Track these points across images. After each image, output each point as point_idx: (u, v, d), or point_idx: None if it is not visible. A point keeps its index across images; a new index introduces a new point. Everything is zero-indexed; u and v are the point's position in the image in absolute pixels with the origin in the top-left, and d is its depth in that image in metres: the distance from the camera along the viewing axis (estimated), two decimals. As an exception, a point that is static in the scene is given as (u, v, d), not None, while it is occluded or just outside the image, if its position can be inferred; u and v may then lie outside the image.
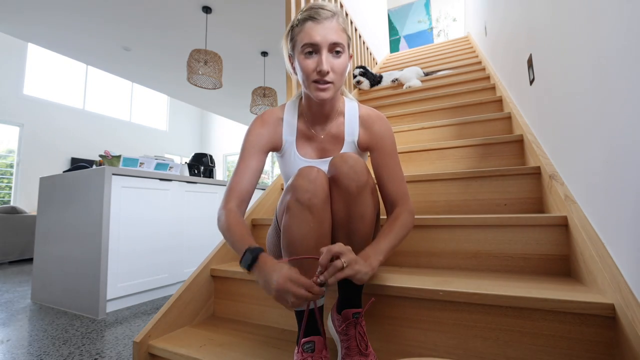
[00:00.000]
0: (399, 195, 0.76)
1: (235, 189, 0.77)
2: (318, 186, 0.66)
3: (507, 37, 1.70)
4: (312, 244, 0.65)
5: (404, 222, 0.71)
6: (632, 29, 0.55)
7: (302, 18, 0.72)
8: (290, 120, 0.84)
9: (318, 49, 0.70)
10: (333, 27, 0.70)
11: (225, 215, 0.72)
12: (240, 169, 0.79)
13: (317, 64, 0.70)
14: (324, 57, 0.69)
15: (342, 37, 0.71)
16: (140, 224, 1.87)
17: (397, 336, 0.80)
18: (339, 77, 0.72)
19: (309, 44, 0.70)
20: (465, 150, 1.44)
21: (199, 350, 0.83)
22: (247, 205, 0.80)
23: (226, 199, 0.76)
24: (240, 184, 0.77)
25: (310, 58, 0.71)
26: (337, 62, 0.71)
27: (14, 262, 3.64)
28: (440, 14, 7.00)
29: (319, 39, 0.69)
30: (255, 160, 0.80)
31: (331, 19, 0.70)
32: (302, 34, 0.71)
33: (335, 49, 0.70)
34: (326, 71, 0.69)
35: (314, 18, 0.70)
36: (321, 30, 0.69)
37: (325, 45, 0.69)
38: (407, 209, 0.74)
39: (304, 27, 0.71)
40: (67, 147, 5.73)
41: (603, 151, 0.68)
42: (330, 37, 0.69)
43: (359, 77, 2.75)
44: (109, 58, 3.85)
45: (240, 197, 0.76)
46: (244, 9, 2.97)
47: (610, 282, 0.62)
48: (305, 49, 0.70)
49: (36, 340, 1.30)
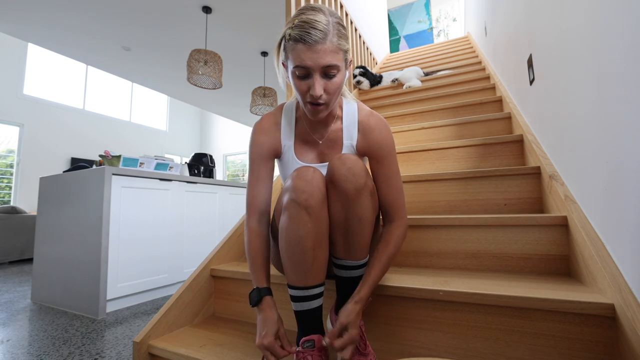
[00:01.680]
0: (394, 207, 0.76)
1: (254, 204, 0.79)
2: (314, 187, 0.66)
3: (507, 37, 1.70)
4: (309, 245, 0.65)
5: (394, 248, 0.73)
6: (633, 29, 0.55)
7: (293, 35, 0.66)
8: (288, 124, 0.84)
9: (309, 73, 0.66)
10: (325, 50, 0.65)
11: (247, 236, 0.78)
12: (252, 182, 0.80)
13: (309, 87, 0.68)
14: (316, 82, 0.66)
15: (335, 57, 0.66)
16: (140, 224, 1.87)
17: (397, 336, 0.80)
18: (333, 96, 0.70)
19: (300, 67, 0.66)
20: (465, 150, 1.44)
21: (199, 350, 0.83)
22: (269, 214, 0.82)
23: (247, 215, 0.79)
24: (256, 197, 0.79)
25: (303, 80, 0.68)
26: (330, 82, 0.68)
27: (14, 262, 3.64)
28: (440, 14, 7.00)
29: (310, 64, 0.65)
30: (264, 169, 0.81)
31: (323, 42, 0.64)
32: (293, 53, 0.66)
33: (329, 72, 0.67)
34: (318, 96, 0.67)
35: (305, 41, 0.64)
36: (312, 54, 0.64)
37: (317, 69, 0.66)
38: (401, 224, 0.76)
39: (295, 48, 0.66)
40: (67, 147, 5.73)
41: (603, 151, 0.68)
42: (321, 62, 0.65)
43: (359, 77, 2.75)
44: (109, 58, 3.85)
45: (259, 211, 0.79)
46: (244, 9, 2.97)
47: (610, 282, 0.63)
48: (297, 72, 0.67)
49: (36, 340, 1.30)
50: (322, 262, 0.68)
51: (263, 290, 0.71)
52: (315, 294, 0.69)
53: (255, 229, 0.77)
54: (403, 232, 0.75)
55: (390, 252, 0.72)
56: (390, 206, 0.76)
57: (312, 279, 0.68)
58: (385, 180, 0.77)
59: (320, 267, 0.68)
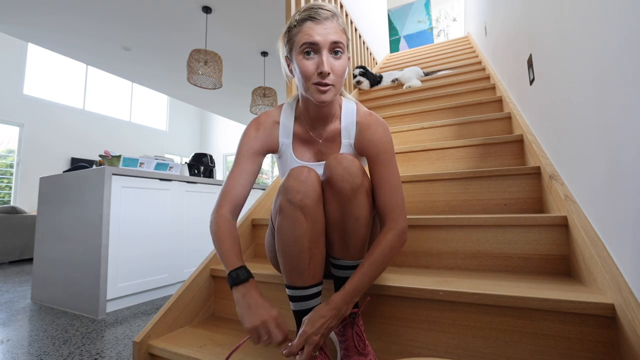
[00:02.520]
0: (389, 208, 0.71)
1: (229, 194, 0.75)
2: (309, 186, 0.65)
3: (507, 37, 1.70)
4: (305, 245, 0.65)
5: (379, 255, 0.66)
6: (633, 28, 0.55)
7: (300, 18, 0.69)
8: (287, 123, 0.83)
9: (318, 48, 0.68)
10: (333, 27, 0.68)
11: (216, 221, 0.72)
12: (234, 173, 0.77)
13: (317, 65, 0.68)
14: (325, 57, 0.67)
15: (342, 37, 0.69)
16: (140, 224, 1.87)
17: (397, 336, 0.80)
18: (339, 79, 0.70)
19: (308, 43, 0.67)
20: (465, 150, 1.44)
21: (199, 350, 0.83)
22: (241, 210, 0.79)
23: (219, 204, 0.75)
24: (234, 188, 0.76)
25: (310, 59, 0.68)
26: (337, 63, 0.69)
27: (14, 262, 3.64)
28: (440, 14, 7.00)
29: (319, 39, 0.67)
30: (250, 163, 0.78)
31: (331, 19, 0.69)
32: (300, 34, 0.69)
33: (335, 48, 0.69)
34: (327, 72, 0.67)
35: (314, 18, 0.68)
36: (321, 29, 0.67)
37: (325, 45, 0.67)
38: (395, 227, 0.69)
39: (302, 27, 0.68)
40: (67, 147, 5.73)
41: (603, 151, 0.68)
42: (330, 37, 0.67)
43: (359, 77, 2.75)
44: (109, 58, 3.85)
45: (234, 202, 0.75)
46: (244, 9, 2.97)
47: (610, 282, 0.62)
48: (305, 49, 0.68)
49: (36, 340, 1.30)
50: (319, 262, 0.68)
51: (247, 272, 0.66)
52: (313, 293, 0.69)
53: (227, 217, 0.73)
54: (394, 236, 0.68)
55: (375, 258, 0.66)
56: (383, 208, 0.72)
57: (309, 279, 0.68)
58: (379, 180, 0.73)
59: (317, 267, 0.68)
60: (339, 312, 0.64)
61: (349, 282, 0.65)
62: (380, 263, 0.67)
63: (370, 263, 0.66)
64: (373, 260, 0.66)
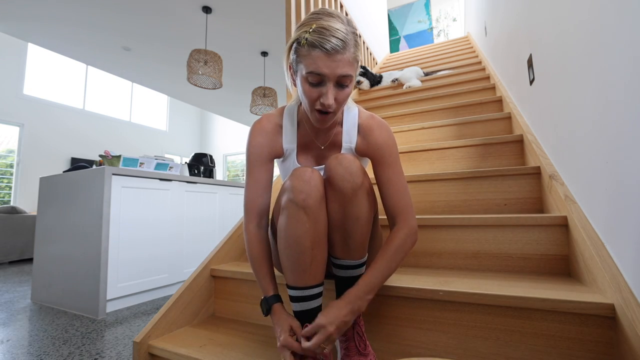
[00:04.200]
0: (397, 209, 0.73)
1: (252, 207, 0.77)
2: (312, 187, 0.65)
3: (507, 37, 1.70)
4: (307, 245, 0.65)
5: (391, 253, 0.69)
6: (633, 28, 0.55)
7: (311, 41, 0.63)
8: (290, 128, 0.82)
9: (324, 81, 0.65)
10: (344, 60, 0.63)
11: (247, 241, 0.77)
12: (250, 185, 0.78)
13: (320, 95, 0.66)
14: (330, 91, 0.65)
15: (351, 69, 0.65)
16: (140, 224, 1.87)
17: (397, 336, 0.80)
18: (341, 105, 0.69)
19: (315, 73, 0.64)
20: (465, 150, 1.44)
21: (199, 350, 0.83)
22: (268, 217, 0.80)
23: (246, 219, 0.78)
24: (254, 200, 0.78)
25: (315, 87, 0.66)
26: (342, 93, 0.67)
27: (14, 262, 3.64)
28: (440, 14, 7.00)
29: (326, 72, 0.63)
30: (263, 171, 0.79)
31: (342, 52, 0.63)
32: (308, 59, 0.64)
33: (343, 82, 0.66)
34: (330, 105, 0.66)
35: (324, 49, 0.62)
36: (330, 63, 0.63)
37: (332, 78, 0.64)
38: (406, 227, 0.71)
39: (311, 54, 0.63)
40: (67, 147, 5.73)
41: (603, 151, 0.68)
42: (339, 72, 0.64)
43: (359, 77, 2.75)
44: (109, 58, 3.85)
45: (258, 214, 0.78)
46: (244, 9, 2.97)
47: (610, 282, 0.63)
48: (310, 78, 0.65)
49: (36, 340, 1.30)
50: (320, 262, 0.68)
51: (271, 299, 0.71)
52: (314, 294, 0.69)
53: (255, 233, 0.76)
54: (406, 235, 0.71)
55: (389, 256, 0.68)
56: (392, 209, 0.74)
57: (310, 279, 0.68)
58: (386, 182, 0.75)
59: (319, 267, 0.68)
60: (354, 305, 0.64)
61: (363, 278, 0.67)
62: (393, 261, 0.69)
63: (383, 260, 0.68)
64: (386, 257, 0.68)
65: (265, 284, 0.73)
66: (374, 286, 0.67)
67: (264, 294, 0.73)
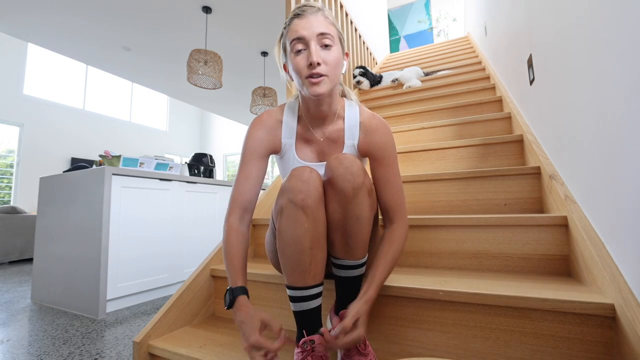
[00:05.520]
0: (394, 208, 0.76)
1: (238, 200, 0.77)
2: (311, 186, 0.65)
3: (507, 37, 1.70)
4: (307, 245, 0.65)
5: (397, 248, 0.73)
6: (633, 28, 0.55)
7: (288, 20, 0.73)
8: (290, 123, 0.83)
9: (306, 42, 0.70)
10: (319, 20, 0.71)
11: (226, 232, 0.75)
12: (241, 178, 0.78)
13: (307, 59, 0.69)
14: (313, 48, 0.69)
15: (329, 28, 0.71)
16: (140, 224, 1.87)
17: (397, 336, 0.80)
18: (333, 69, 0.71)
19: (296, 38, 0.70)
20: (465, 150, 1.44)
21: (199, 350, 0.83)
22: (252, 215, 0.80)
23: (229, 211, 0.77)
24: (242, 194, 0.77)
25: (300, 54, 0.70)
26: (328, 54, 0.70)
27: (14, 262, 3.64)
28: (440, 14, 7.00)
29: (305, 33, 0.69)
30: (256, 166, 0.79)
31: (316, 13, 0.71)
32: (289, 33, 0.72)
33: (324, 41, 0.70)
34: (316, 62, 0.68)
35: (299, 14, 0.71)
36: (306, 23, 0.70)
37: (312, 37, 0.69)
38: (402, 225, 0.76)
39: (290, 26, 0.72)
40: (67, 147, 5.73)
41: (603, 151, 0.68)
42: (316, 29, 0.69)
43: (359, 77, 2.75)
44: (109, 58, 3.85)
45: (243, 208, 0.77)
46: (244, 9, 2.97)
47: (610, 282, 0.63)
48: (295, 46, 0.70)
49: (36, 340, 1.30)
50: (320, 262, 0.68)
51: (237, 290, 0.67)
52: (314, 294, 0.69)
53: (236, 226, 0.75)
54: (405, 232, 0.75)
55: (394, 253, 0.72)
56: (391, 207, 0.76)
57: (310, 279, 0.68)
58: (385, 181, 0.77)
59: (318, 267, 0.68)
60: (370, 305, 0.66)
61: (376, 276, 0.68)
62: (397, 258, 0.72)
63: (391, 257, 0.71)
64: (393, 255, 0.72)
65: (233, 274, 0.69)
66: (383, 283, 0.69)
67: (231, 284, 0.68)
